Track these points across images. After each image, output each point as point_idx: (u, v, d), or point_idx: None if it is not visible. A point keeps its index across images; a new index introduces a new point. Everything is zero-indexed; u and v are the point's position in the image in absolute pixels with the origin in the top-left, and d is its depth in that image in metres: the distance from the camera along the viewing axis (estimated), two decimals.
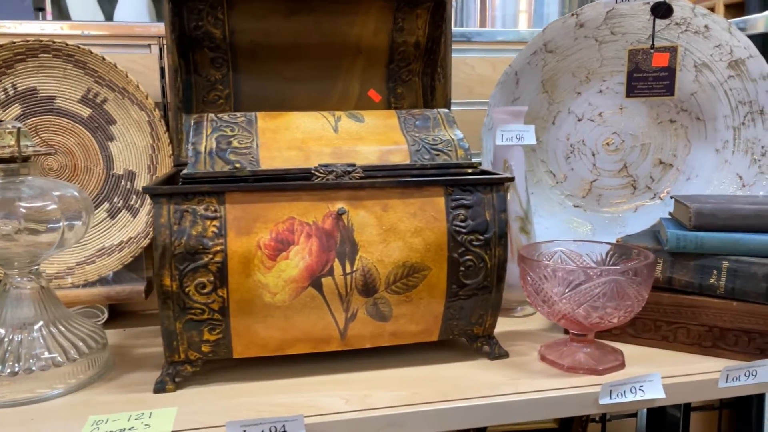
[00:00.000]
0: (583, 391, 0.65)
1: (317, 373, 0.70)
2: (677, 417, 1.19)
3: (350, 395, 0.64)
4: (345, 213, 0.65)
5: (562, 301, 0.66)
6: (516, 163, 0.87)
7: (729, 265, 0.71)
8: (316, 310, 0.66)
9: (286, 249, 0.64)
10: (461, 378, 0.68)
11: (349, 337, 0.68)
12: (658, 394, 0.65)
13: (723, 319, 0.72)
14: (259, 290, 0.63)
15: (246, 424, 0.57)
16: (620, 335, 0.78)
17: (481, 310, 0.71)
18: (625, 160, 0.99)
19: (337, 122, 0.72)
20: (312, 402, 0.63)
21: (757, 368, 0.68)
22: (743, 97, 0.89)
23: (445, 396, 0.64)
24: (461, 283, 0.68)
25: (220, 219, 0.62)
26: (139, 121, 0.85)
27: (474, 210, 0.68)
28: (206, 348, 0.66)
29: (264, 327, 0.65)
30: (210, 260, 0.62)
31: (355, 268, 0.65)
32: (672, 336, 0.75)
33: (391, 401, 0.62)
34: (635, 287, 0.66)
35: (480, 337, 0.73)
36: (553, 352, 0.72)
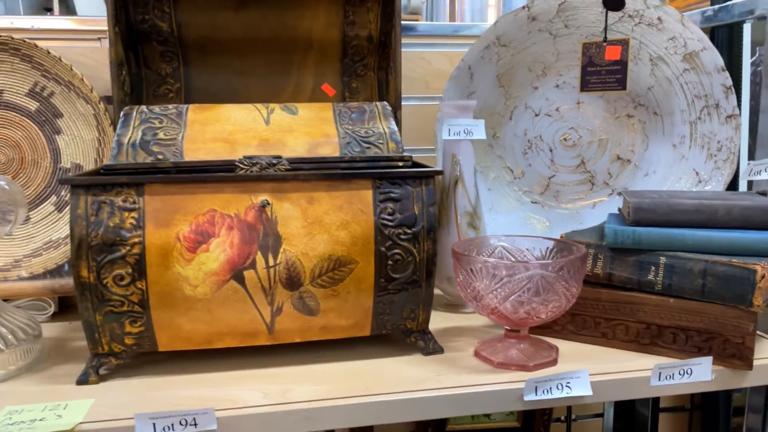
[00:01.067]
0: (507, 387, 0.64)
1: (246, 367, 0.69)
2: (646, 417, 1.17)
3: (271, 389, 0.63)
4: (268, 205, 0.64)
5: (489, 296, 0.65)
6: (464, 158, 0.86)
7: (666, 261, 0.70)
8: (240, 304, 0.65)
9: (206, 241, 0.63)
10: (389, 373, 0.68)
11: (277, 331, 0.68)
12: (584, 391, 0.64)
13: (660, 316, 0.70)
14: (179, 283, 0.63)
15: (155, 416, 0.57)
16: (561, 332, 0.76)
17: (412, 304, 0.70)
18: (583, 155, 0.97)
19: (269, 114, 0.71)
20: (231, 396, 0.62)
21: (691, 367, 0.66)
22: (699, 91, 0.88)
23: (368, 390, 0.63)
24: (389, 277, 0.67)
25: (139, 210, 0.62)
26: (85, 114, 0.85)
27: (402, 203, 0.67)
28: (129, 340, 0.65)
29: (187, 320, 0.65)
30: (128, 252, 0.62)
31: (279, 261, 0.65)
32: (611, 333, 0.73)
33: (311, 396, 0.62)
34: (563, 283, 0.64)
35: (414, 332, 0.72)
36: (487, 348, 0.71)
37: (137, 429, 0.57)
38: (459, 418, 1.09)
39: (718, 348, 0.68)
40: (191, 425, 0.57)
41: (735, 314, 0.66)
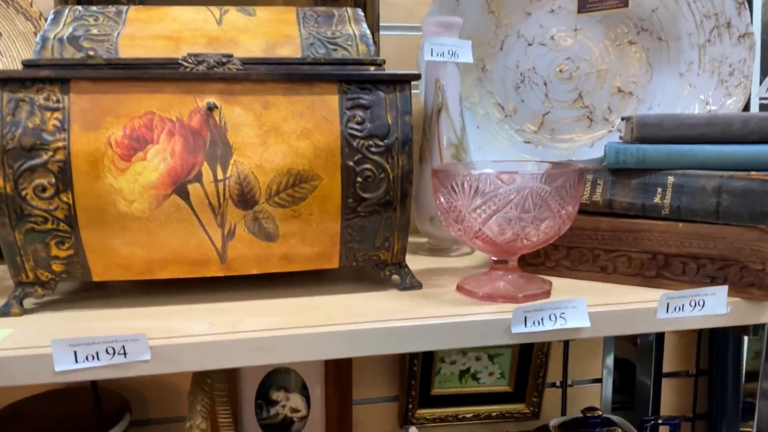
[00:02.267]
0: (493, 318, 0.55)
1: (195, 302, 0.61)
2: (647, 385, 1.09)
3: (220, 321, 0.55)
4: (215, 108, 0.56)
5: (472, 215, 0.57)
6: (449, 83, 0.77)
7: (675, 180, 0.61)
8: (185, 224, 0.56)
9: (142, 148, 0.54)
10: (357, 306, 0.59)
11: (231, 260, 0.59)
12: (581, 323, 0.56)
13: (668, 244, 0.62)
14: (112, 196, 0.54)
15: (77, 343, 0.48)
16: (555, 268, 0.68)
17: (386, 231, 0.61)
18: (580, 88, 0.89)
19: (222, 15, 0.63)
20: (172, 327, 0.54)
21: (703, 297, 0.58)
22: (708, 9, 0.79)
23: (331, 320, 0.54)
24: (359, 196, 0.59)
25: (63, 111, 0.53)
26: (25, 33, 0.77)
27: (373, 111, 0.59)
28: (58, 266, 0.57)
29: (123, 243, 0.56)
30: (50, 158, 0.53)
31: (229, 175, 0.56)
32: (611, 266, 0.65)
33: (264, 326, 0.53)
34: (557, 199, 0.56)
35: (388, 264, 0.64)
36: (471, 282, 0.63)
37: (55, 357, 0.48)
38: (446, 381, 1.00)
39: (734, 277, 0.59)
40: (119, 354, 0.49)
41: (754, 236, 0.58)
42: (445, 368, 1.00)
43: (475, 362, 1.01)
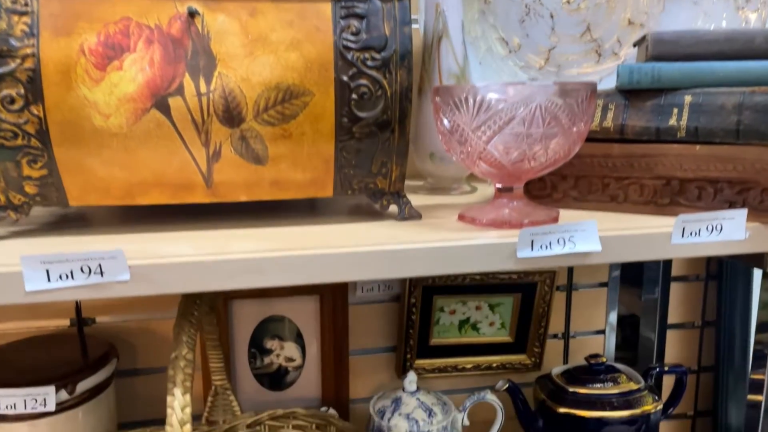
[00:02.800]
0: (497, 241, 0.52)
1: (180, 229, 0.57)
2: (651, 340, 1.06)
3: (206, 245, 0.51)
4: (197, 15, 0.51)
5: (477, 134, 0.53)
6: (450, 8, 0.72)
7: (692, 100, 0.57)
8: (166, 143, 0.52)
9: (118, 57, 0.50)
10: (353, 233, 0.56)
11: (217, 184, 0.55)
12: (591, 246, 0.52)
13: (684, 168, 0.58)
14: (86, 110, 0.50)
15: (49, 260, 0.45)
16: (562, 200, 0.64)
17: (383, 155, 0.57)
18: (589, 21, 0.84)
19: None
20: (155, 250, 0.50)
21: (721, 221, 0.54)
22: None
23: (324, 243, 0.51)
24: (354, 115, 0.55)
25: (32, 15, 0.49)
26: None
27: (369, 21, 0.54)
28: (31, 188, 0.53)
29: (100, 162, 0.52)
30: (18, 66, 0.49)
31: (213, 88, 0.52)
32: (622, 195, 0.61)
33: (254, 248, 0.50)
34: (568, 115, 0.52)
35: (386, 193, 0.60)
36: (473, 211, 0.59)
37: (26, 275, 0.44)
38: (445, 332, 0.98)
39: (754, 201, 0.56)
40: (96, 273, 0.45)
41: None
42: (444, 318, 0.97)
43: (475, 312, 0.98)
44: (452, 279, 0.92)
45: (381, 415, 0.78)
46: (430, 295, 0.94)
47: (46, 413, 0.68)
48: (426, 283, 0.92)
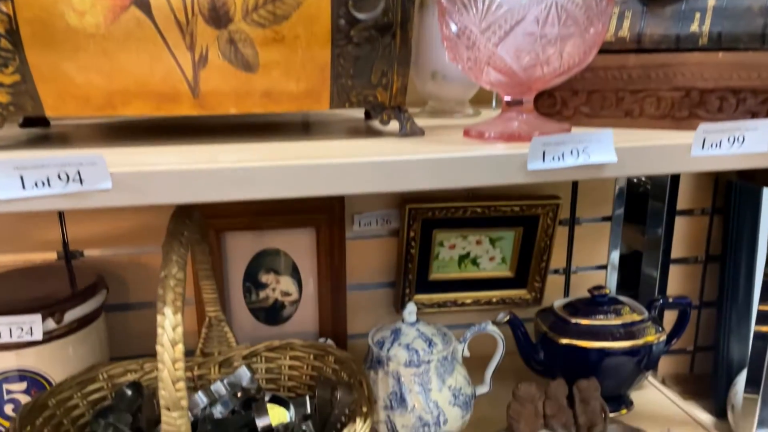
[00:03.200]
0: (507, 152, 0.48)
1: (166, 144, 0.54)
2: (653, 277, 1.05)
3: (195, 157, 0.48)
4: None
5: (486, 36, 0.49)
6: None
7: (716, 3, 0.53)
8: (148, 45, 0.48)
9: None
10: (348, 147, 0.52)
11: (204, 94, 0.51)
12: (607, 157, 0.49)
13: (704, 77, 0.54)
14: (59, 7, 0.46)
15: (23, 165, 0.41)
16: (573, 116, 0.61)
17: (384, 64, 0.53)
18: None
19: None
20: (139, 160, 0.47)
21: (744, 132, 0.51)
22: None
23: (322, 155, 0.47)
24: (352, 16, 0.50)
25: None
26: None
27: None
28: (3, 96, 0.49)
29: (77, 67, 0.48)
30: None
31: None
32: (638, 109, 0.58)
33: (245, 158, 0.46)
34: (585, 13, 0.48)
35: (386, 108, 0.56)
36: (480, 126, 0.55)
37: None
38: (444, 267, 0.95)
39: None
40: (74, 181, 0.42)
41: None
42: (443, 253, 0.95)
43: (475, 247, 0.95)
44: (452, 212, 0.89)
45: (380, 346, 0.76)
46: (430, 230, 0.91)
47: (33, 342, 0.65)
48: (426, 217, 0.89)
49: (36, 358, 0.66)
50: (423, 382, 0.74)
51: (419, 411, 0.73)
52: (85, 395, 0.69)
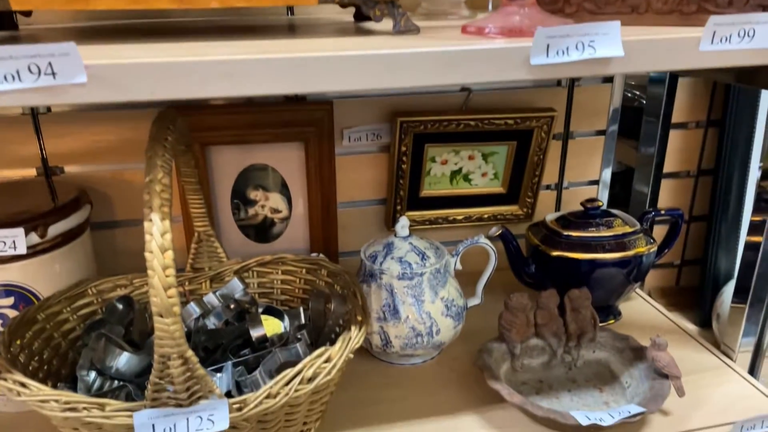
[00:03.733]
0: (508, 46, 0.46)
1: (144, 42, 0.50)
2: (644, 193, 1.04)
3: (175, 52, 0.44)
4: None
5: None
6: None
7: None
8: None
9: None
10: (339, 43, 0.49)
11: None
12: (614, 51, 0.46)
13: None
14: None
15: None
16: (575, 13, 0.58)
17: None
18: None
19: None
20: (117, 53, 0.43)
21: (755, 26, 0.48)
22: None
23: (312, 48, 0.44)
24: None
25: None
26: None
27: None
28: None
29: None
30: None
31: None
32: (644, 4, 0.55)
33: (232, 52, 0.43)
34: None
35: (379, 2, 0.53)
36: (478, 22, 0.52)
37: None
38: (436, 183, 0.94)
39: None
40: (47, 74, 0.39)
41: None
42: (435, 168, 0.93)
43: (468, 162, 0.94)
44: (445, 125, 0.87)
45: (373, 260, 0.75)
46: (422, 144, 0.89)
47: (17, 256, 0.63)
48: (417, 131, 0.86)
49: (22, 273, 0.65)
50: (416, 294, 0.74)
51: (412, 321, 0.73)
52: (74, 310, 0.68)
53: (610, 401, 0.70)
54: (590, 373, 0.75)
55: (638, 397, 0.68)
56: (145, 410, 0.49)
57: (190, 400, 0.50)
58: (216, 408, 0.50)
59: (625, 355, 0.74)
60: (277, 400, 0.52)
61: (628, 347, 0.75)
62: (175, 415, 0.50)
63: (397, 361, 0.79)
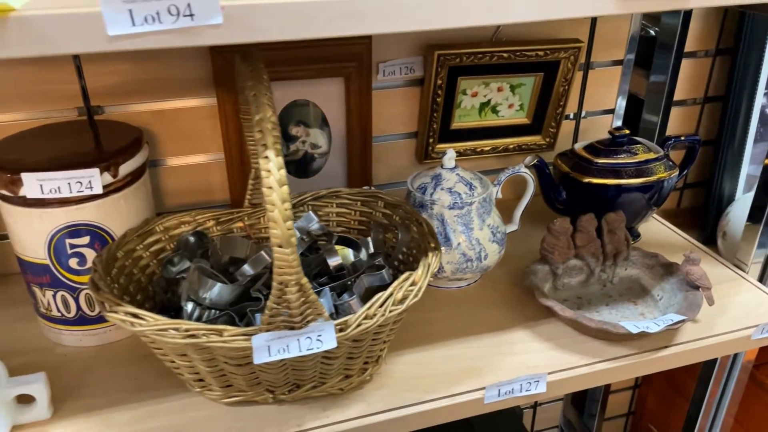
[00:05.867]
0: None
1: None
2: (654, 121, 1.09)
3: None
4: None
5: None
6: None
7: None
8: None
9: None
10: None
11: None
12: None
13: None
14: None
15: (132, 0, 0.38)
16: None
17: None
18: None
19: None
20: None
21: None
22: None
23: None
24: None
25: None
26: None
27: None
28: None
29: None
30: None
31: None
32: None
33: None
34: None
35: None
36: None
37: (107, 18, 0.39)
38: (465, 115, 0.97)
39: None
40: (185, 16, 0.40)
41: None
42: (465, 101, 0.95)
43: (496, 94, 0.96)
44: (479, 58, 0.89)
45: (423, 191, 0.79)
46: (455, 77, 0.91)
47: (93, 196, 0.65)
48: (453, 63, 0.88)
49: (96, 212, 0.66)
50: (465, 222, 0.78)
51: (464, 248, 0.78)
52: (146, 246, 0.70)
53: (645, 312, 0.78)
54: (623, 288, 0.82)
55: (672, 307, 0.75)
56: (263, 333, 0.53)
57: (302, 323, 0.53)
58: (323, 329, 0.54)
59: (656, 270, 0.81)
60: (374, 320, 0.56)
61: (657, 264, 0.81)
62: (288, 337, 0.54)
63: (444, 285, 0.84)
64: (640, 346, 0.72)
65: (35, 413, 0.61)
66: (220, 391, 0.62)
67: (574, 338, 0.74)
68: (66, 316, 0.70)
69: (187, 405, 0.64)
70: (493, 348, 0.73)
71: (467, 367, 0.70)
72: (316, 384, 0.63)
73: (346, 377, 0.64)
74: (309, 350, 0.54)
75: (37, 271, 0.68)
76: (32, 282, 0.69)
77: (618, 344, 0.72)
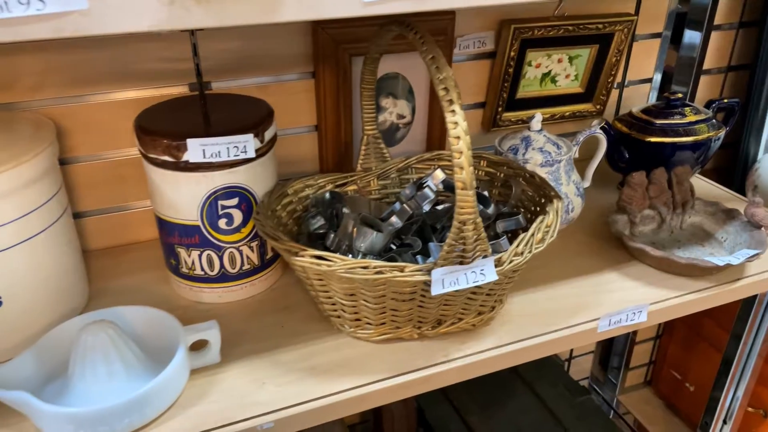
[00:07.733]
0: None
1: None
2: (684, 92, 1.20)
3: None
4: None
5: None
6: None
7: None
8: None
9: None
10: None
11: None
12: None
13: None
14: None
15: None
16: None
17: None
18: None
19: None
20: None
21: None
22: None
23: None
24: None
25: None
26: None
27: None
28: None
29: None
30: None
31: None
32: None
33: None
34: None
35: None
36: None
37: None
38: (528, 85, 1.05)
39: None
40: None
41: None
42: (530, 72, 1.04)
43: (556, 65, 1.05)
44: (548, 31, 0.97)
45: (515, 152, 0.87)
46: (524, 49, 0.99)
47: (245, 160, 0.70)
48: (525, 36, 0.96)
49: (245, 175, 0.71)
50: (556, 178, 0.87)
51: None
52: (283, 207, 0.76)
53: (714, 252, 0.88)
54: (689, 234, 0.92)
55: (739, 246, 0.86)
56: (440, 268, 0.60)
57: (471, 258, 0.61)
58: (486, 264, 0.62)
59: (718, 216, 0.92)
60: (523, 257, 0.64)
61: (719, 210, 0.92)
62: (458, 271, 0.61)
63: None
64: (718, 279, 0.82)
65: (208, 358, 0.67)
66: (373, 329, 0.69)
67: (659, 276, 0.83)
68: (209, 275, 0.75)
69: (341, 344, 0.71)
70: (591, 288, 0.82)
71: (574, 303, 0.78)
72: (454, 321, 0.71)
73: (479, 314, 0.72)
74: (474, 282, 0.62)
75: (187, 233, 0.73)
76: (178, 243, 0.74)
77: (700, 279, 0.81)
